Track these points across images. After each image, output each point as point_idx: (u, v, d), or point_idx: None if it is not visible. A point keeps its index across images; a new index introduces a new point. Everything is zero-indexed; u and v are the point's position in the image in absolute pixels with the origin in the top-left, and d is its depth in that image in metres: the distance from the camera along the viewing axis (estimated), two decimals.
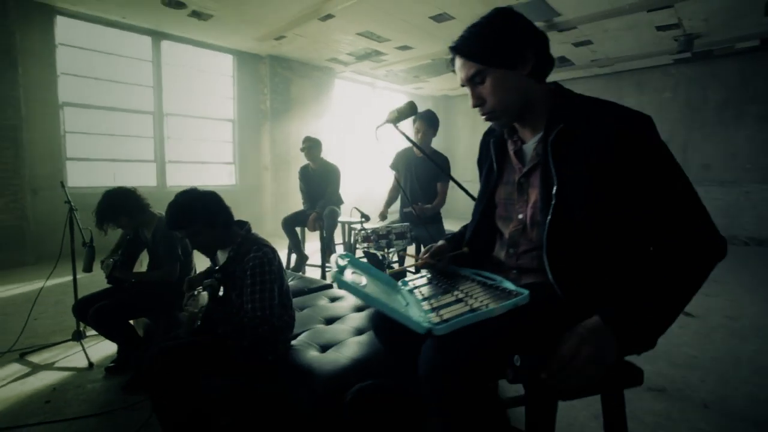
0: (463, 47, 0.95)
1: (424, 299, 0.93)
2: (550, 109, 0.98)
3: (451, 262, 1.12)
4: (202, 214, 1.48)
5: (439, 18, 5.34)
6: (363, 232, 2.37)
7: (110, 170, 5.69)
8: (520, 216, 1.03)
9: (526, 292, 0.80)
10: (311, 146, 3.66)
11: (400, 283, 1.11)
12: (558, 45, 6.32)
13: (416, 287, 1.04)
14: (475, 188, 1.29)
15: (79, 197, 5.21)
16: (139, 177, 5.96)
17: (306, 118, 7.47)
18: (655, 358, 2.39)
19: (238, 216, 1.58)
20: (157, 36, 5.89)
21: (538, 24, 5.52)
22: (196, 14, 5.18)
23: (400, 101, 10.42)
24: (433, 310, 0.85)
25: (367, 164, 9.15)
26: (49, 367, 2.35)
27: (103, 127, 5.58)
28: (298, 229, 3.68)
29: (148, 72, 5.93)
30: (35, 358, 2.45)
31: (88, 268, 2.20)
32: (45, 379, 2.20)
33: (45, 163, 4.99)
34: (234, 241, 1.56)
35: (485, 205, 1.12)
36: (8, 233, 4.56)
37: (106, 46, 5.55)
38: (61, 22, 5.10)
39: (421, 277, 1.12)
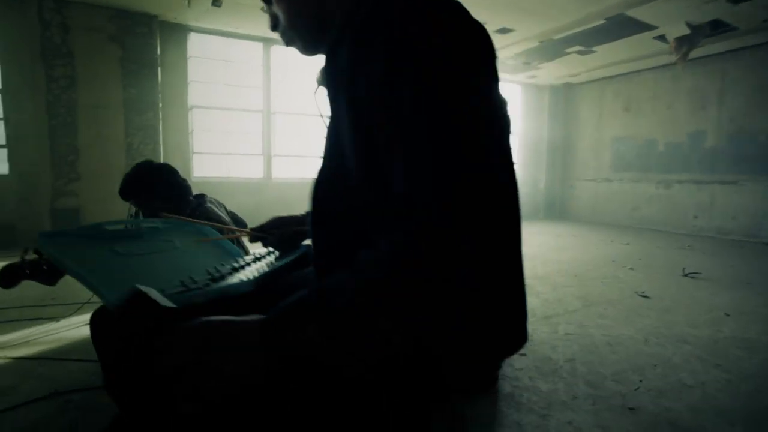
0: None
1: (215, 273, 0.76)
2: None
3: (295, 238, 0.91)
4: (152, 184, 1.54)
5: None
6: None
7: (225, 163, 6.58)
8: None
9: (249, 279, 0.59)
10: None
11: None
12: (705, 5, 4.99)
13: (249, 262, 0.87)
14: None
15: (201, 185, 6.20)
16: (249, 169, 6.75)
17: None
18: None
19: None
20: (267, 42, 6.57)
21: None
22: None
23: (512, 93, 9.67)
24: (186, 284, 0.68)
25: None
26: None
27: (221, 125, 6.49)
28: None
29: (259, 75, 6.67)
30: None
31: None
32: None
33: (176, 156, 6.02)
34: (184, 212, 1.58)
35: None
36: None
37: (226, 55, 6.43)
38: (192, 37, 6.09)
39: (269, 252, 0.94)
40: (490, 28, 5.95)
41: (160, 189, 1.56)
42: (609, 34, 6.02)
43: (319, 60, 0.73)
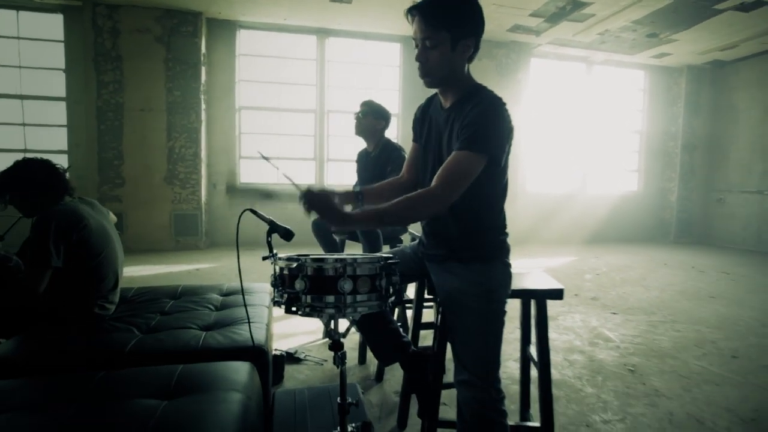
0: None
1: None
2: None
3: None
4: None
5: None
6: (280, 266, 1.09)
7: (274, 168, 6.04)
8: None
9: None
10: (365, 113, 2.47)
11: None
12: None
13: None
14: None
15: (247, 192, 5.74)
16: (300, 174, 6.13)
17: None
18: None
19: None
20: (322, 34, 5.89)
21: None
22: None
23: (632, 80, 7.54)
24: None
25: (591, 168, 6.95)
26: None
27: (270, 127, 5.98)
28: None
29: (313, 71, 6.02)
30: None
31: None
32: None
33: (222, 161, 5.65)
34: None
35: None
36: (188, 221, 5.33)
37: (277, 51, 5.91)
38: (242, 34, 5.68)
39: None
40: None
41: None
42: None
43: None
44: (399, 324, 1.50)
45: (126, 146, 5.10)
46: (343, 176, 6.27)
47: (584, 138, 7.10)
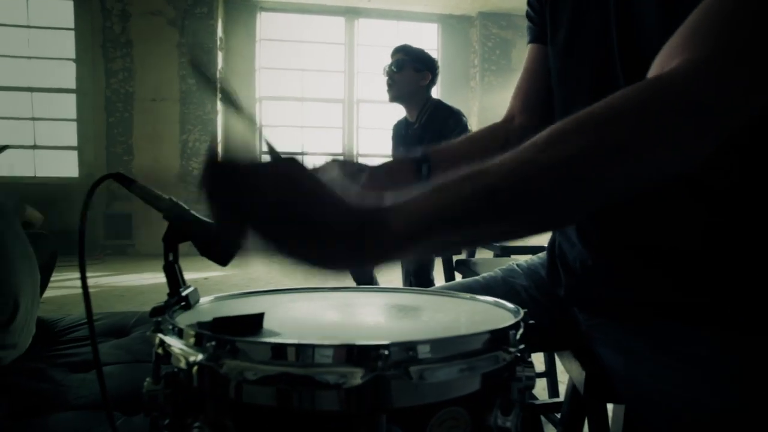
0: None
1: None
2: None
3: None
4: None
5: None
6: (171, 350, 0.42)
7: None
8: None
9: None
10: (401, 64, 1.79)
11: None
12: None
13: None
14: None
15: None
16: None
17: None
18: None
19: None
20: (351, 14, 5.28)
21: None
22: None
23: None
24: None
25: None
26: None
27: (294, 118, 5.42)
28: None
29: (340, 57, 5.41)
30: None
31: None
32: None
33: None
34: None
35: None
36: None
37: (302, 35, 5.35)
38: (263, 17, 5.15)
39: None
40: None
41: None
42: None
43: None
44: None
45: (136, 140, 4.64)
46: None
47: None
